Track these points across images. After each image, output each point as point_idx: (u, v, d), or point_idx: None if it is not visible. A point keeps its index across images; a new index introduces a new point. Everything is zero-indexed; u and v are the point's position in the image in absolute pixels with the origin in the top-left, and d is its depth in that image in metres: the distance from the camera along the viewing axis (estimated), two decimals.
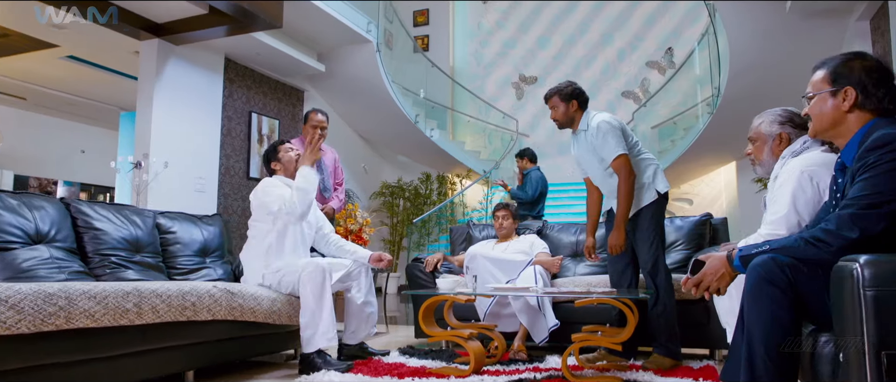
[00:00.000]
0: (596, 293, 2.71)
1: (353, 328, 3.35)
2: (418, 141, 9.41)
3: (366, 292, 3.34)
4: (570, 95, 3.15)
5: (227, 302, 2.55)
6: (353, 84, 8.62)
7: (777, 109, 2.26)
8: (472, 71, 11.70)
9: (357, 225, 4.34)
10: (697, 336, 3.32)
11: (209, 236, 3.47)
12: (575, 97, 3.15)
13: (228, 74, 7.44)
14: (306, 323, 2.86)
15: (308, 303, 2.88)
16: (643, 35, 10.84)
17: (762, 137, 2.25)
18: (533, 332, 3.32)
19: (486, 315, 3.45)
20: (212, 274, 3.31)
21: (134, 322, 2.14)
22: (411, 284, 3.91)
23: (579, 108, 3.18)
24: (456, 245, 4.47)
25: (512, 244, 3.98)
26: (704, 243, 3.80)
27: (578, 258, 4.05)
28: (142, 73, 6.48)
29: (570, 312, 3.41)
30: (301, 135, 4.34)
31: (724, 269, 1.65)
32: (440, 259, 3.86)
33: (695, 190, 10.14)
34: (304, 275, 2.91)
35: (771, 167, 2.22)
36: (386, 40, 9.19)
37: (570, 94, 3.15)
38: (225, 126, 7.35)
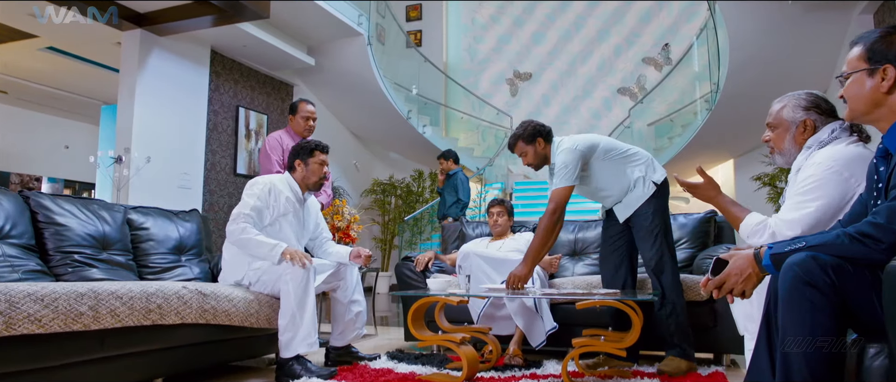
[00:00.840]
0: (598, 295, 2.51)
1: (340, 330, 3.14)
2: (411, 137, 9.21)
3: (352, 291, 3.14)
4: (533, 135, 3.02)
5: (199, 304, 2.34)
6: (344, 79, 8.40)
7: (800, 92, 2.06)
8: (466, 67, 11.51)
9: (344, 222, 4.12)
10: (702, 341, 3.12)
11: (186, 232, 3.26)
12: (538, 135, 3.02)
13: (215, 67, 7.22)
14: (285, 326, 2.66)
15: (289, 304, 2.67)
16: (639, 31, 10.68)
17: (783, 123, 2.05)
18: (530, 335, 3.12)
19: (479, 318, 3.25)
20: (187, 273, 3.10)
21: (90, 327, 1.93)
22: (400, 284, 3.70)
23: (547, 143, 3.04)
24: (448, 243, 4.27)
25: (507, 241, 3.78)
26: (709, 241, 3.61)
27: (577, 257, 3.86)
28: (124, 64, 6.26)
29: (569, 314, 3.21)
30: (287, 126, 4.12)
31: (750, 269, 1.45)
32: (431, 258, 3.65)
33: None
34: (286, 274, 2.70)
35: (792, 157, 2.03)
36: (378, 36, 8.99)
37: (532, 134, 3.02)
38: (211, 121, 7.13)
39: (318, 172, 3.08)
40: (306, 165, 3.08)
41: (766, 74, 7.10)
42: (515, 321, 3.13)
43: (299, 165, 3.09)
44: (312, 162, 3.08)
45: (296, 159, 3.11)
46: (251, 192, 2.93)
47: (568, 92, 10.91)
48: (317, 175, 3.08)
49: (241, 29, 6.61)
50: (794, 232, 1.80)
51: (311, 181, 3.08)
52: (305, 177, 3.08)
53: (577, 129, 10.63)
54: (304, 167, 3.08)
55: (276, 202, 2.98)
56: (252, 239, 2.78)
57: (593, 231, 3.86)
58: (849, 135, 1.90)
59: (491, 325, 3.16)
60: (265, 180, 3.02)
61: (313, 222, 3.27)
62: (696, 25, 9.90)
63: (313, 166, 3.07)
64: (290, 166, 3.13)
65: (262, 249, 2.76)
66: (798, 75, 7.15)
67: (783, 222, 1.84)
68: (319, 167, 3.09)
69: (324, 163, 3.11)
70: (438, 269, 3.78)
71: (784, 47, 6.73)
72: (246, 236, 2.79)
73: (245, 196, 2.92)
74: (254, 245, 2.78)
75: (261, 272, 2.83)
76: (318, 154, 3.10)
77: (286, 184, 3.07)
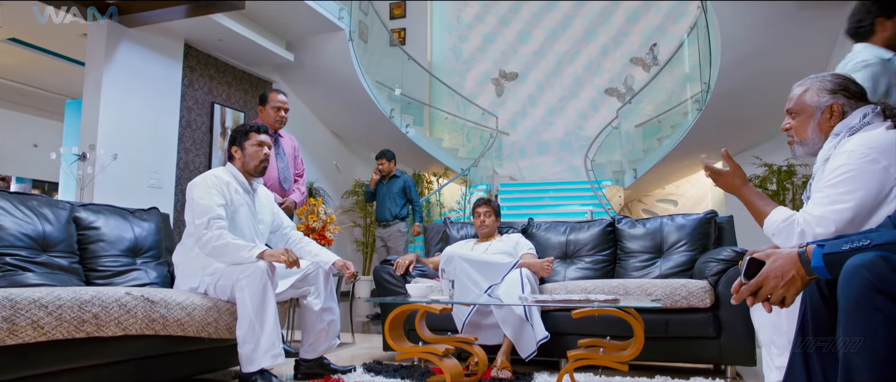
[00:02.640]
0: (597, 302, 2.26)
1: (311, 341, 2.87)
2: (393, 138, 8.94)
3: (325, 297, 2.86)
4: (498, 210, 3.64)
5: (145, 313, 2.05)
6: (325, 75, 8.11)
7: (825, 73, 1.83)
8: (451, 66, 11.26)
9: (320, 222, 3.84)
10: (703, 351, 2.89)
11: (142, 232, 2.97)
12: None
13: (188, 62, 6.90)
14: (244, 337, 2.38)
15: (246, 312, 2.39)
16: (627, 31, 10.50)
17: (806, 109, 1.81)
18: (519, 346, 2.86)
19: (464, 326, 2.99)
20: (142, 278, 2.81)
21: (5, 342, 1.64)
22: (379, 289, 3.43)
23: None
24: (431, 246, 4.01)
25: (494, 243, 3.53)
26: (709, 243, 3.38)
27: (569, 260, 3.61)
28: (89, 56, 5.93)
29: (561, 322, 2.97)
30: (257, 118, 3.84)
31: (794, 271, 1.20)
32: (412, 261, 3.38)
33: (680, 191, 9.81)
34: (242, 278, 2.42)
35: (816, 147, 1.79)
36: (361, 33, 8.71)
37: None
38: (184, 117, 6.81)
39: (256, 155, 2.83)
40: (243, 150, 2.84)
41: (757, 74, 6.93)
42: (503, 330, 2.88)
43: (236, 151, 2.86)
44: (249, 145, 2.83)
45: (232, 146, 2.87)
46: (207, 191, 2.65)
47: (554, 92, 10.69)
48: (256, 158, 2.83)
49: (216, 21, 6.31)
50: (825, 230, 1.57)
51: (251, 166, 2.83)
52: (246, 163, 2.83)
53: (564, 130, 10.42)
54: (241, 153, 2.84)
55: (231, 196, 2.72)
56: (229, 244, 2.52)
57: (586, 232, 3.62)
58: (882, 119, 1.67)
59: (477, 334, 2.91)
60: (209, 175, 2.76)
61: (268, 212, 2.99)
62: (684, 25, 9.74)
63: (250, 150, 2.82)
64: (230, 156, 2.88)
65: (240, 253, 2.51)
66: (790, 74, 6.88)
67: (813, 218, 1.60)
68: (257, 149, 2.83)
69: (261, 144, 2.86)
70: (420, 273, 3.51)
71: (777, 46, 6.56)
72: (222, 242, 2.53)
73: (199, 197, 2.64)
74: (233, 250, 2.51)
75: (217, 277, 2.55)
76: (253, 135, 2.85)
77: (230, 175, 2.81)
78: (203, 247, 2.55)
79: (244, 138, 2.86)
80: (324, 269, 2.89)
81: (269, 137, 2.92)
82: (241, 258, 2.51)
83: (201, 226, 2.56)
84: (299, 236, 3.07)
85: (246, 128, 2.88)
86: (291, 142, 3.98)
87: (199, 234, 2.55)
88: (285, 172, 3.81)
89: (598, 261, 3.53)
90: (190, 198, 2.67)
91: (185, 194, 2.75)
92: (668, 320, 2.86)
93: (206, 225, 2.55)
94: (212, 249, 2.53)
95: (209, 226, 2.55)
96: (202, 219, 2.57)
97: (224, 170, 2.84)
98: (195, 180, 2.72)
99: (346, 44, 7.66)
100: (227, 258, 2.53)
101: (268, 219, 2.95)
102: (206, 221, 2.55)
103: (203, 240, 2.54)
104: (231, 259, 2.53)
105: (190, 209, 2.65)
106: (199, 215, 2.58)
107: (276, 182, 3.76)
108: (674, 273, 3.28)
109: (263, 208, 2.95)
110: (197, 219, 2.58)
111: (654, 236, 3.46)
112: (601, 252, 3.56)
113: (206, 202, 2.61)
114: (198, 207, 2.60)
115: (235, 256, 2.51)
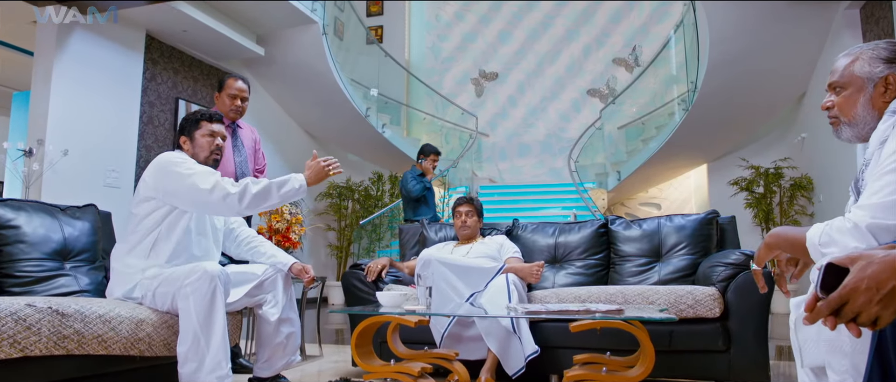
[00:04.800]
0: (599, 313, 1.93)
1: (267, 356, 2.50)
2: (369, 137, 8.59)
3: (283, 307, 2.49)
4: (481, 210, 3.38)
5: (53, 329, 1.68)
6: (297, 71, 7.73)
7: (878, 41, 1.52)
8: (429, 66, 10.94)
9: (284, 223, 3.47)
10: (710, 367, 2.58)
11: (74, 233, 2.57)
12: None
13: (151, 54, 6.49)
14: (186, 355, 2.01)
15: (190, 325, 2.02)
16: (610, 31, 10.29)
17: (856, 81, 1.50)
18: (505, 361, 2.52)
19: (443, 339, 2.64)
20: (71, 284, 2.42)
21: None
22: (348, 297, 3.06)
23: None
24: (406, 249, 3.66)
25: (476, 246, 3.20)
26: (711, 246, 3.09)
27: (558, 264, 3.28)
28: (39, 45, 5.50)
29: (553, 334, 2.64)
30: (214, 107, 3.47)
31: (894, 280, 0.88)
32: (385, 266, 3.03)
33: (663, 194, 9.59)
34: (187, 284, 2.05)
35: (868, 128, 1.48)
36: (336, 30, 8.36)
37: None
38: (146, 113, 6.39)
39: (207, 145, 2.46)
40: (192, 140, 2.47)
41: (745, 73, 6.73)
42: (488, 343, 2.53)
43: (185, 141, 2.48)
44: (199, 135, 2.46)
45: (181, 136, 2.50)
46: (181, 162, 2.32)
47: (535, 93, 10.43)
48: (206, 149, 2.45)
49: (180, 11, 5.92)
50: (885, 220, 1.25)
51: (201, 158, 2.45)
52: (195, 155, 2.45)
53: (546, 131, 10.15)
54: (190, 144, 2.47)
55: None
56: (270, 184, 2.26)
57: (576, 235, 3.30)
58: None
59: (458, 349, 2.57)
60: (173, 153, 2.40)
61: None
62: (668, 26, 9.55)
63: (201, 140, 2.45)
64: (177, 147, 2.51)
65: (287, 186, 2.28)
66: (779, 73, 6.80)
67: (875, 208, 1.27)
68: (209, 140, 2.46)
69: (214, 134, 2.48)
70: (394, 279, 3.16)
71: (766, 44, 6.36)
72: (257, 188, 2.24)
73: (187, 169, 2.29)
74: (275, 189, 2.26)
75: (156, 283, 2.17)
76: (205, 124, 2.48)
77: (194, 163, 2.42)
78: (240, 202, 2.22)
79: (194, 127, 2.49)
80: (283, 273, 2.53)
81: (222, 126, 2.55)
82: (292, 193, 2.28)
83: (216, 186, 2.22)
84: (250, 234, 2.69)
85: (197, 115, 2.51)
86: (252, 134, 3.61)
87: (221, 193, 2.21)
88: (243, 166, 3.43)
89: (591, 266, 3.22)
90: (167, 177, 2.29)
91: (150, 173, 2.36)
92: (672, 331, 2.55)
93: (220, 187, 2.22)
94: (253, 197, 2.23)
95: (226, 185, 2.24)
96: (209, 182, 2.23)
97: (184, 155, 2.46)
98: (160, 161, 2.35)
99: (320, 38, 7.30)
100: (277, 198, 2.27)
101: (219, 220, 2.58)
102: (216, 182, 2.23)
103: (235, 193, 2.21)
104: (281, 198, 2.28)
105: (177, 184, 2.26)
106: (203, 180, 2.23)
107: (232, 177, 3.38)
108: (674, 279, 2.97)
109: None
110: (203, 184, 2.22)
111: (651, 239, 3.15)
112: (593, 256, 3.24)
113: (200, 169, 2.30)
114: (195, 175, 2.25)
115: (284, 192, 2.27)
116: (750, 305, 2.51)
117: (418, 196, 5.93)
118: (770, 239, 1.51)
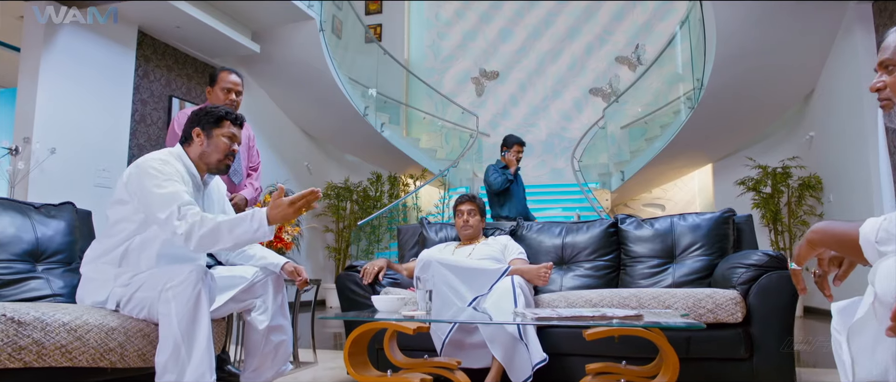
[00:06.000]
0: (617, 319, 1.75)
1: (255, 366, 2.32)
2: (368, 137, 8.41)
3: (274, 313, 2.31)
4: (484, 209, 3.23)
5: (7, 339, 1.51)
6: (294, 69, 7.56)
7: None
8: (429, 65, 10.77)
9: None
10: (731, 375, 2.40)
11: (48, 233, 2.40)
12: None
13: (143, 51, 6.32)
14: (165, 365, 1.83)
15: (170, 332, 1.84)
16: (612, 29, 10.12)
17: None
18: (510, 370, 2.35)
19: (444, 346, 2.46)
20: (42, 288, 2.24)
21: None
22: (343, 301, 2.89)
23: None
24: (405, 250, 3.48)
25: (478, 247, 3.02)
26: (728, 245, 2.91)
27: (566, 266, 3.10)
28: (26, 39, 5.33)
29: (562, 341, 2.46)
30: (206, 102, 3.30)
31: None
32: (383, 268, 2.85)
33: (667, 195, 9.41)
34: (170, 287, 1.87)
35: None
36: (334, 28, 8.19)
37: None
38: (138, 111, 6.22)
39: (223, 148, 2.21)
40: (209, 136, 2.20)
41: (753, 70, 6.56)
42: (492, 351, 2.36)
43: (199, 135, 2.21)
44: (218, 134, 2.20)
45: (195, 127, 2.23)
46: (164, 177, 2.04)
47: (537, 92, 10.26)
48: (221, 152, 2.21)
49: (173, 6, 5.77)
50: None
51: (212, 160, 2.21)
52: (205, 154, 2.21)
53: (547, 131, 9.97)
54: (205, 140, 2.21)
55: None
56: (222, 224, 1.94)
57: (585, 234, 3.13)
58: None
59: (460, 356, 2.39)
60: (155, 159, 2.12)
61: (220, 212, 2.38)
62: (672, 23, 9.40)
63: (218, 140, 2.20)
64: (186, 136, 2.25)
65: (241, 227, 1.95)
66: (788, 70, 6.63)
67: None
68: (227, 143, 2.22)
69: (234, 139, 2.25)
70: (392, 282, 2.98)
71: (774, 40, 6.18)
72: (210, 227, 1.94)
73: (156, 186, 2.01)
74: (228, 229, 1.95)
75: (132, 288, 1.99)
76: (228, 125, 2.23)
77: (180, 161, 2.19)
78: (187, 242, 1.94)
79: (215, 124, 2.23)
80: (274, 276, 2.35)
81: (242, 132, 2.33)
82: (247, 235, 1.96)
83: (170, 218, 1.95)
84: None
85: (221, 112, 2.25)
86: (245, 130, 3.43)
87: (171, 228, 1.95)
88: (236, 164, 3.26)
89: (600, 267, 3.04)
90: (139, 187, 2.04)
91: (128, 172, 2.12)
92: (690, 338, 2.38)
93: (178, 214, 1.95)
94: (200, 239, 1.94)
95: (182, 215, 1.95)
96: (166, 211, 1.96)
97: (174, 153, 2.23)
98: (139, 164, 2.09)
99: (317, 35, 7.13)
100: (229, 241, 1.96)
101: None
102: (176, 209, 1.95)
103: (181, 234, 1.93)
104: (234, 241, 1.97)
105: (143, 200, 2.03)
106: (161, 207, 1.97)
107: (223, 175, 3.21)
108: (690, 282, 2.80)
109: (212, 207, 2.36)
110: (160, 212, 1.96)
111: (664, 239, 2.98)
112: (602, 257, 3.07)
113: (169, 190, 2.00)
114: (156, 197, 1.99)
115: (238, 234, 1.95)
116: (774, 309, 2.34)
117: (499, 190, 5.57)
118: (813, 236, 1.34)
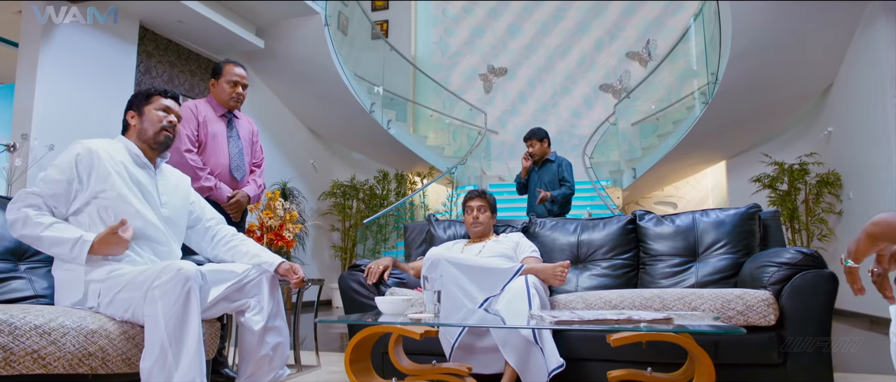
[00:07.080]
0: (643, 323, 1.59)
1: (250, 371, 2.17)
2: (374, 135, 8.26)
3: (269, 314, 2.16)
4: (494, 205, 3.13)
5: None
6: (299, 65, 7.42)
7: None
8: (436, 61, 10.61)
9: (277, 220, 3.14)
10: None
11: None
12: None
13: (145, 47, 6.20)
14: (151, 370, 1.68)
15: (157, 335, 1.69)
16: (623, 24, 9.93)
17: None
18: (525, 376, 2.18)
19: (453, 351, 2.30)
20: (24, 289, 2.09)
21: None
22: (346, 303, 2.73)
23: None
24: (412, 248, 3.33)
25: (489, 244, 2.86)
26: (754, 243, 2.74)
27: (581, 265, 2.93)
28: (24, 35, 5.22)
29: (580, 345, 2.30)
30: (209, 95, 3.16)
31: None
32: (388, 267, 2.70)
33: (679, 193, 9.23)
34: (155, 287, 1.73)
35: None
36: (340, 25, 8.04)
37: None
38: None
39: (157, 120, 2.14)
40: (141, 114, 2.15)
41: (769, 64, 6.37)
42: (504, 355, 2.20)
43: (133, 117, 2.17)
44: (149, 109, 2.15)
45: (128, 111, 2.19)
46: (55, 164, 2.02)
47: (546, 89, 10.08)
48: (154, 124, 2.14)
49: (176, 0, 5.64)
50: None
51: (148, 135, 2.13)
52: (142, 132, 2.14)
53: (556, 128, 9.79)
54: (138, 120, 2.15)
55: (94, 166, 1.99)
56: (43, 236, 1.88)
57: (601, 231, 2.96)
58: None
59: (470, 361, 2.23)
60: (76, 145, 2.05)
61: (181, 199, 2.26)
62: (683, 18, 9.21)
63: (151, 114, 2.14)
64: (124, 125, 2.19)
65: (61, 248, 1.89)
66: (805, 64, 6.43)
67: None
68: (160, 116, 2.15)
69: (168, 110, 2.18)
70: (398, 282, 2.82)
71: (792, 33, 6.00)
72: (29, 231, 1.89)
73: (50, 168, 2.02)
74: (47, 243, 1.90)
75: (117, 287, 1.85)
76: (159, 99, 2.18)
77: (121, 146, 2.12)
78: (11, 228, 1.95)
79: (145, 102, 2.19)
80: (269, 275, 2.20)
81: (177, 105, 2.24)
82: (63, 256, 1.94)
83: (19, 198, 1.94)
84: (230, 232, 2.36)
85: (151, 90, 2.22)
86: (249, 125, 3.29)
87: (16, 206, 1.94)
88: (238, 159, 3.12)
89: (618, 266, 2.88)
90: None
91: None
92: (718, 341, 2.21)
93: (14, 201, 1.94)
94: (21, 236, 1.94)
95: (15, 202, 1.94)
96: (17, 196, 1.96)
97: (110, 140, 2.14)
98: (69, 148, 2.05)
99: (323, 30, 6.99)
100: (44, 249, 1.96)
101: (178, 204, 2.24)
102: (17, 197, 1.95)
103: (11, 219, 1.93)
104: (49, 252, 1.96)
105: None
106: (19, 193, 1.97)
107: (225, 170, 3.07)
108: (714, 281, 2.63)
109: (172, 191, 2.24)
110: (37, 185, 1.97)
111: (686, 236, 2.81)
112: (620, 255, 2.90)
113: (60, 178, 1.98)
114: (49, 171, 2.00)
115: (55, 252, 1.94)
116: (810, 311, 2.17)
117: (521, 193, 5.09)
118: (874, 228, 1.18)
